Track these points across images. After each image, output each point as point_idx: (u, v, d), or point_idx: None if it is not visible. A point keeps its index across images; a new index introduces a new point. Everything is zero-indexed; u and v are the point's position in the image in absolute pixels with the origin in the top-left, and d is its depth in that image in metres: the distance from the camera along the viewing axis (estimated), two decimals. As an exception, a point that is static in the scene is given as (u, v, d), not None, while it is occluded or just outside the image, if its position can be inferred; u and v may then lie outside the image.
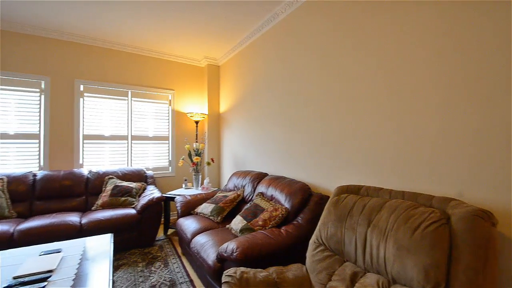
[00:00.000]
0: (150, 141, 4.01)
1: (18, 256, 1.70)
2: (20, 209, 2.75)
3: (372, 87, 1.79)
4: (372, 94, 1.79)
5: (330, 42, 2.15)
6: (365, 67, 1.84)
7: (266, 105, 3.04)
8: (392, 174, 1.64)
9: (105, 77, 3.63)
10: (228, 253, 1.53)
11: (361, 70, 1.87)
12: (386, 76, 1.69)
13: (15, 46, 3.08)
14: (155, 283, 2.15)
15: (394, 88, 1.64)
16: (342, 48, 2.04)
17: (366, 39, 1.83)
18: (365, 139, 1.83)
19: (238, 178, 3.07)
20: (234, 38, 3.47)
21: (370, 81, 1.80)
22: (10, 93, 3.06)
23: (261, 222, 2.00)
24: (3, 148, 3.02)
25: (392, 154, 1.64)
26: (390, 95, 1.66)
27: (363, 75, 1.85)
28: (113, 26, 3.13)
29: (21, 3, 2.62)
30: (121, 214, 2.76)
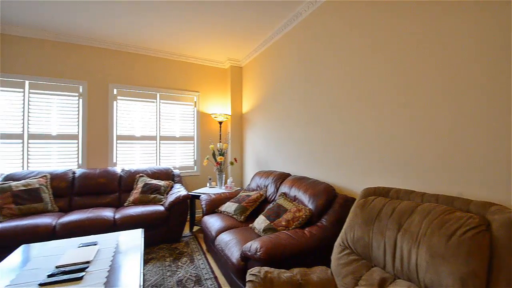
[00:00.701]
0: (177, 141, 4.17)
1: (59, 247, 1.86)
2: (61, 203, 3.01)
3: (399, 87, 1.70)
4: (400, 94, 1.70)
5: (352, 42, 2.09)
6: (388, 67, 1.75)
7: (288, 105, 3.02)
8: (422, 176, 1.55)
9: (136, 81, 3.85)
10: (252, 252, 1.55)
11: (385, 70, 1.78)
12: (412, 76, 1.60)
13: (57, 54, 3.38)
14: (182, 278, 2.24)
15: (423, 88, 1.55)
16: (364, 48, 1.96)
17: (389, 39, 1.75)
18: (392, 140, 1.75)
19: (261, 178, 3.08)
20: (257, 39, 3.50)
21: (397, 81, 1.72)
22: (53, 97, 3.37)
23: (284, 222, 1.99)
24: (46, 148, 3.32)
25: (421, 155, 1.55)
26: (419, 95, 1.57)
27: (387, 75, 1.77)
28: (143, 33, 3.31)
29: (63, 16, 2.86)
30: (151, 210, 2.91)
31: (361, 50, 2.02)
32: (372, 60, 1.92)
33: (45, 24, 3.07)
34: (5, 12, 2.79)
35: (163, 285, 2.13)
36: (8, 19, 2.95)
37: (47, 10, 2.76)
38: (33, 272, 1.49)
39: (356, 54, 2.07)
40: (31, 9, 2.73)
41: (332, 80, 2.33)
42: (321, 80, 2.48)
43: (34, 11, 2.78)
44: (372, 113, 1.92)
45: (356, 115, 2.07)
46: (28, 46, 3.24)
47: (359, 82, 2.04)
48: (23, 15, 2.86)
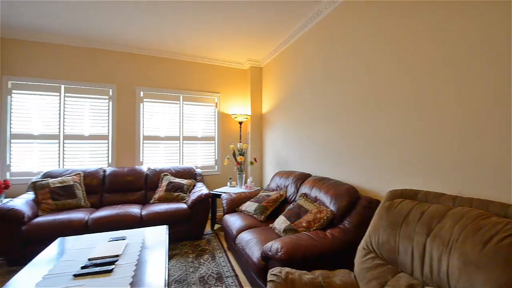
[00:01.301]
0: (198, 141, 4.28)
1: (91, 240, 1.98)
2: (93, 200, 3.22)
3: (425, 86, 1.61)
4: (426, 93, 1.61)
5: (373, 41, 2.01)
6: (408, 67, 1.67)
7: (308, 105, 2.98)
8: (454, 178, 1.45)
9: (160, 84, 4.01)
10: (272, 252, 1.55)
11: (406, 70, 1.70)
12: (439, 75, 1.51)
13: (89, 60, 3.61)
14: (204, 275, 2.30)
15: (453, 83, 1.45)
16: (384, 48, 1.88)
17: (409, 38, 1.66)
18: (420, 140, 1.66)
19: (281, 178, 3.07)
20: (277, 39, 3.49)
21: (423, 79, 1.63)
22: (85, 100, 3.61)
23: (305, 223, 1.97)
24: (80, 148, 3.57)
25: (452, 155, 1.46)
26: (448, 90, 1.48)
27: (410, 74, 1.68)
28: (166, 37, 3.43)
29: (94, 24, 3.06)
30: (175, 208, 3.02)
31: (382, 50, 1.94)
32: (392, 60, 1.84)
33: (77, 32, 3.30)
34: (44, 22, 3.03)
35: (186, 280, 2.20)
36: (46, 28, 3.21)
37: (80, 20, 2.96)
38: (68, 263, 1.60)
39: (376, 54, 2.00)
40: (67, 19, 2.95)
41: (353, 80, 2.27)
42: (341, 79, 2.42)
43: (69, 21, 3.00)
44: (396, 112, 1.84)
45: (380, 115, 1.99)
46: (63, 52, 3.49)
47: (381, 81, 1.96)
48: (59, 24, 3.09)
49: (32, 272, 1.51)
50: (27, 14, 2.84)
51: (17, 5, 2.66)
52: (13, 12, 2.81)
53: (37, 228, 2.48)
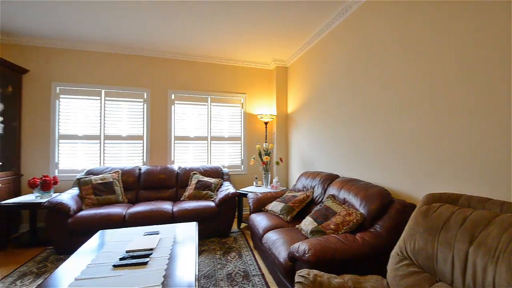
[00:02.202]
0: (225, 142, 4.39)
1: (128, 234, 2.12)
2: (130, 196, 3.45)
3: (469, 82, 1.48)
4: (461, 90, 1.48)
5: (407, 36, 1.89)
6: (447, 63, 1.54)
7: (336, 105, 2.90)
8: (501, 181, 1.32)
9: (190, 86, 4.18)
10: (299, 254, 1.54)
11: (444, 66, 1.57)
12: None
13: (126, 65, 3.88)
14: (231, 272, 2.35)
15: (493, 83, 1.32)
16: (422, 41, 1.76)
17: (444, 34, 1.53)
18: (457, 140, 1.53)
19: (307, 178, 3.03)
20: (302, 38, 3.45)
21: (467, 76, 1.50)
22: (123, 103, 3.89)
23: (333, 226, 1.92)
24: (118, 147, 3.86)
25: (497, 156, 1.32)
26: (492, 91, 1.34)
27: (449, 70, 1.55)
28: (195, 42, 3.57)
29: (131, 32, 3.28)
30: (203, 205, 3.13)
31: (422, 44, 1.82)
32: (420, 58, 1.71)
33: (116, 40, 3.56)
34: (87, 32, 3.32)
35: (214, 276, 2.27)
36: (89, 38, 3.51)
37: (118, 29, 3.20)
38: (108, 254, 1.73)
39: (410, 51, 1.88)
40: (106, 29, 3.20)
41: (386, 77, 2.16)
42: (369, 79, 2.32)
43: (108, 31, 3.25)
44: (433, 110, 1.72)
45: (412, 114, 1.87)
46: (103, 59, 3.80)
47: (411, 81, 1.84)
48: (100, 34, 3.36)
49: (77, 261, 1.65)
50: (73, 25, 3.14)
51: (65, 18, 2.95)
52: (60, 25, 3.12)
53: (81, 221, 2.72)
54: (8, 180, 3.23)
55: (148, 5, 2.68)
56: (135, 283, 1.36)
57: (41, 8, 2.73)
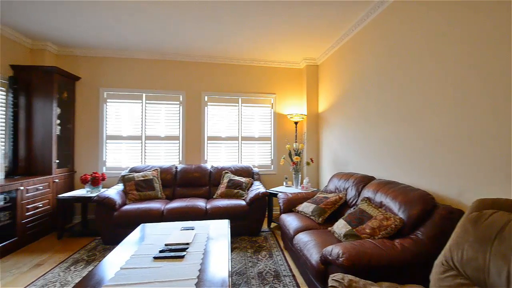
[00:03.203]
0: (255, 142, 4.44)
1: (167, 228, 2.26)
2: (167, 192, 3.67)
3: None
4: None
5: (448, 30, 1.73)
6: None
7: (370, 103, 2.76)
8: None
9: (222, 88, 4.32)
10: (333, 257, 1.51)
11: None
12: None
13: (163, 70, 4.14)
14: (262, 271, 2.38)
15: None
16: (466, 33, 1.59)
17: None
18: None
19: (340, 180, 2.94)
20: (334, 35, 3.35)
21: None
22: (161, 106, 4.16)
23: (369, 230, 1.84)
24: (157, 147, 4.14)
25: None
26: None
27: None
28: (227, 45, 3.67)
29: (168, 40, 3.49)
30: (235, 204, 3.22)
31: (468, 36, 1.66)
32: (463, 56, 1.55)
33: (154, 47, 3.82)
34: (129, 41, 3.61)
35: (245, 274, 2.32)
36: (131, 46, 3.81)
37: (157, 36, 3.42)
38: (149, 246, 1.86)
39: (455, 44, 1.71)
40: (145, 38, 3.44)
41: (425, 73, 2.00)
42: (412, 72, 2.16)
43: (147, 38, 3.49)
44: (490, 106, 1.55)
45: (471, 111, 1.71)
46: (144, 65, 4.09)
47: (449, 77, 1.68)
48: (141, 42, 3.63)
49: (122, 252, 1.81)
50: (117, 36, 3.43)
51: (111, 31, 3.24)
52: (106, 37, 3.43)
53: (125, 214, 2.97)
54: (64, 176, 3.65)
55: (184, 14, 2.82)
56: (173, 274, 1.45)
57: (91, 24, 3.04)
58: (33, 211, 3.04)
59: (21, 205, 2.86)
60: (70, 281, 2.19)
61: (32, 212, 3.03)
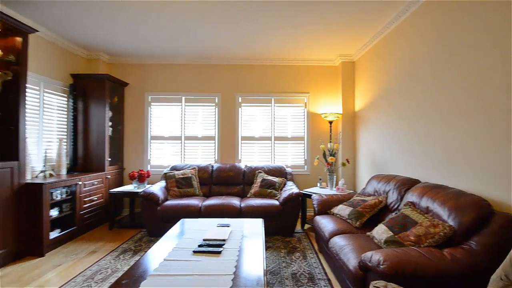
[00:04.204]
0: (288, 141, 4.42)
1: (204, 224, 2.38)
2: (204, 190, 3.85)
3: None
4: None
5: None
6: None
7: (416, 98, 2.56)
8: None
9: (255, 89, 4.39)
10: (373, 264, 1.44)
11: None
12: None
13: (201, 74, 4.35)
14: (296, 272, 2.37)
15: None
16: None
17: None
18: None
19: (379, 182, 2.78)
20: (371, 29, 3.18)
21: None
22: (198, 108, 4.39)
23: (413, 237, 1.72)
24: (195, 146, 4.37)
25: None
26: None
27: None
28: (261, 46, 3.72)
29: (205, 44, 3.66)
30: (268, 203, 3.25)
31: None
32: None
33: (193, 52, 4.02)
34: (168, 48, 3.85)
35: (279, 274, 2.33)
36: (171, 53, 4.07)
37: (195, 41, 3.60)
38: (189, 241, 1.97)
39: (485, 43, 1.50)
40: (184, 43, 3.65)
41: (484, 65, 1.79)
42: (453, 71, 1.95)
43: (186, 44, 3.70)
44: None
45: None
46: (183, 70, 4.35)
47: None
48: (180, 48, 3.85)
49: (165, 244, 1.94)
50: (159, 45, 3.69)
51: (153, 41, 3.50)
52: (150, 45, 3.71)
53: (166, 209, 3.19)
54: (115, 172, 4.05)
55: (221, 19, 2.93)
56: (211, 269, 1.53)
57: (137, 36, 3.32)
58: (89, 203, 3.43)
59: (79, 198, 3.24)
60: (120, 269, 2.42)
61: (88, 205, 3.41)
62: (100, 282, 2.18)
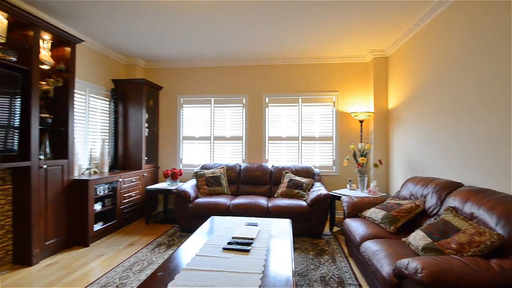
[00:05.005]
0: (316, 141, 4.34)
1: (233, 222, 2.43)
2: (232, 189, 3.94)
3: None
4: None
5: None
6: None
7: (459, 94, 2.35)
8: None
9: (282, 89, 4.38)
10: (409, 272, 1.36)
11: None
12: None
13: (229, 76, 4.46)
14: (325, 275, 2.32)
15: None
16: None
17: None
18: None
19: (416, 185, 2.61)
20: (407, 22, 3.00)
21: None
22: (227, 109, 4.51)
23: (455, 245, 1.59)
24: (223, 146, 4.50)
25: None
26: None
27: None
28: (288, 46, 3.70)
29: (232, 47, 3.74)
30: (295, 204, 3.23)
31: None
32: None
33: (221, 55, 4.13)
34: (197, 52, 4.00)
35: (307, 276, 2.30)
36: (202, 57, 4.22)
37: (224, 45, 3.70)
38: (218, 238, 2.03)
39: None
40: (214, 48, 3.76)
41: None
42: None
43: (216, 48, 3.81)
44: None
45: None
46: (213, 73, 4.50)
47: None
48: (211, 53, 3.98)
49: (196, 240, 2.03)
50: (191, 50, 3.85)
51: (186, 46, 3.66)
52: (182, 51, 3.89)
53: (197, 206, 3.32)
54: (150, 170, 4.32)
55: (248, 20, 2.98)
56: (240, 266, 1.56)
57: (172, 43, 3.51)
58: (128, 199, 3.70)
59: (119, 194, 3.51)
60: (155, 261, 2.58)
61: (127, 200, 3.68)
62: (137, 272, 2.35)
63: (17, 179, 2.49)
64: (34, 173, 2.49)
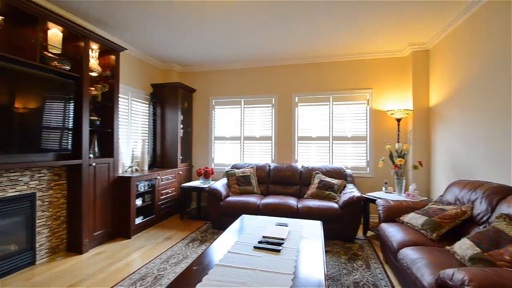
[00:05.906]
0: (348, 142, 4.18)
1: (262, 221, 2.46)
2: (262, 189, 3.98)
3: None
4: None
5: None
6: None
7: None
8: None
9: (312, 88, 4.30)
10: (454, 283, 1.26)
11: None
12: None
13: (258, 76, 4.51)
14: (359, 281, 2.23)
15: None
16: None
17: None
18: None
19: (463, 189, 2.38)
20: (452, 10, 2.73)
21: None
22: (256, 109, 4.57)
23: (509, 257, 1.43)
24: (251, 146, 4.56)
25: None
26: None
27: None
28: (318, 44, 3.62)
29: (261, 47, 3.77)
30: (326, 205, 3.15)
31: None
32: None
33: (250, 56, 4.19)
34: (226, 55, 4.10)
35: (340, 280, 2.24)
36: (232, 59, 4.32)
37: (252, 46, 3.75)
38: (249, 236, 2.07)
39: None
40: (243, 49, 3.83)
41: None
42: None
43: (244, 49, 3.88)
44: None
45: None
46: (242, 74, 4.59)
47: None
48: (239, 55, 4.06)
49: (228, 238, 2.09)
50: (221, 54, 3.97)
51: (217, 51, 3.78)
52: (212, 54, 4.02)
53: (228, 205, 3.42)
54: (185, 169, 4.55)
55: (277, 19, 2.98)
56: (271, 266, 1.58)
57: (202, 49, 3.65)
58: (165, 195, 3.93)
59: (158, 190, 3.75)
60: (189, 255, 2.71)
61: (164, 196, 3.92)
62: (173, 265, 2.49)
63: (71, 175, 2.80)
64: (85, 170, 2.78)
